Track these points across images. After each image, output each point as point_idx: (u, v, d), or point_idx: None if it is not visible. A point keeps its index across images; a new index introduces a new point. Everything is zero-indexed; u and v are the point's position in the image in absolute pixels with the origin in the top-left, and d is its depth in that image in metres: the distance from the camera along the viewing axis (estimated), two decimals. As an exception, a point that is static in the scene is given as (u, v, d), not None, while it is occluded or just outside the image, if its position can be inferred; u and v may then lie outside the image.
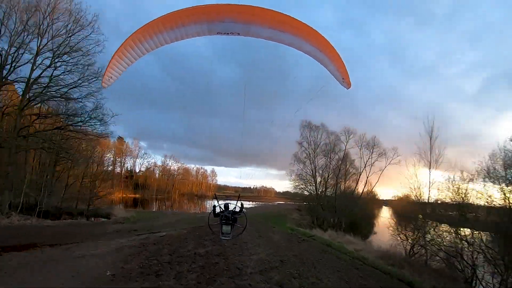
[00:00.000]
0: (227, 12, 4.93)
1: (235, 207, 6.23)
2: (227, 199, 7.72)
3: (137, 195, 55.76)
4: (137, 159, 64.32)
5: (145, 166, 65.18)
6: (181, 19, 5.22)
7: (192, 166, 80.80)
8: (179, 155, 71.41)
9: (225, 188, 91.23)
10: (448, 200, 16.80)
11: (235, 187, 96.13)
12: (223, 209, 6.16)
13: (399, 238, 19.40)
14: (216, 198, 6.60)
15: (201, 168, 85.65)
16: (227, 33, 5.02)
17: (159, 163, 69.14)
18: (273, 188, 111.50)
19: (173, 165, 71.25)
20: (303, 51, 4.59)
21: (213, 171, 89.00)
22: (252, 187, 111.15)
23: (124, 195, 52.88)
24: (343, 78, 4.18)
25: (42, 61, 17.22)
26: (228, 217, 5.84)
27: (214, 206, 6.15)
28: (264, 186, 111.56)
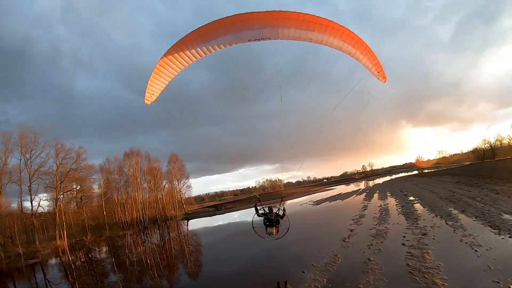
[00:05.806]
0: (255, 19, 5.26)
1: (278, 210, 6.61)
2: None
3: None
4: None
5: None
6: (211, 32, 5.61)
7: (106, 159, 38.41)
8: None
9: (222, 194, 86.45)
10: None
11: (233, 190, 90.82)
12: (267, 211, 6.54)
13: None
14: (259, 200, 7.23)
15: (138, 152, 40.53)
16: (258, 39, 5.40)
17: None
18: (280, 180, 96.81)
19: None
20: (334, 47, 4.96)
21: (174, 156, 44.86)
22: (251, 187, 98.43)
23: None
24: (378, 72, 4.56)
25: None
26: (271, 219, 6.28)
27: (256, 207, 6.63)
28: (270, 179, 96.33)
